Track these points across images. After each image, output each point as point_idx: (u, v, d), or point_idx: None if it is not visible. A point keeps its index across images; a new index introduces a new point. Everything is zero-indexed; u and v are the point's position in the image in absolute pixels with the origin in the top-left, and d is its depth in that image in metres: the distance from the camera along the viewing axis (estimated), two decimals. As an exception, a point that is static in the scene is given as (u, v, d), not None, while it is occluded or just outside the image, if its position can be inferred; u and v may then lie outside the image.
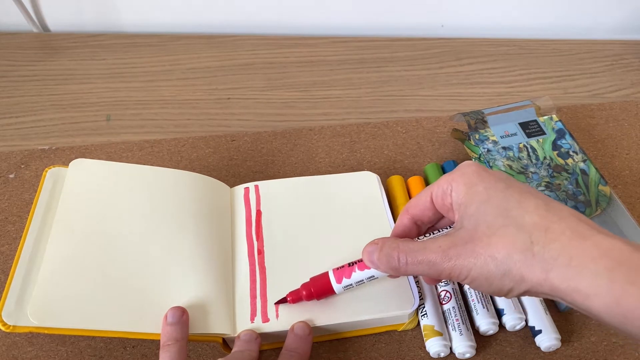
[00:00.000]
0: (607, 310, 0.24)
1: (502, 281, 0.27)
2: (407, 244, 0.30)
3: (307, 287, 0.36)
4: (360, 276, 0.35)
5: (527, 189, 0.29)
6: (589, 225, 0.26)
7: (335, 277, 0.36)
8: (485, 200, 0.28)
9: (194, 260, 0.38)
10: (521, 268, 0.26)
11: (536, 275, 0.26)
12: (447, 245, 0.28)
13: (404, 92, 0.59)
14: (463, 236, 0.28)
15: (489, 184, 0.29)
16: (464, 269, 0.28)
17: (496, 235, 0.27)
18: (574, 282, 0.25)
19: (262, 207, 0.43)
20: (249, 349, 0.35)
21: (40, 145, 0.52)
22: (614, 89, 0.60)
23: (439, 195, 0.31)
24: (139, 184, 0.41)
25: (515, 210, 0.27)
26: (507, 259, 0.26)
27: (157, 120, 0.55)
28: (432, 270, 0.29)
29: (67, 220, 0.37)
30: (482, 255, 0.27)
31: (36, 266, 0.35)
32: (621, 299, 0.23)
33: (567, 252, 0.25)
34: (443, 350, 0.37)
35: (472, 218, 0.28)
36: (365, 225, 0.42)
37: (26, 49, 0.63)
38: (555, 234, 0.26)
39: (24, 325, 0.32)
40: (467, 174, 0.30)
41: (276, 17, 0.68)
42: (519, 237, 0.26)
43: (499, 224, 0.27)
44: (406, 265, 0.30)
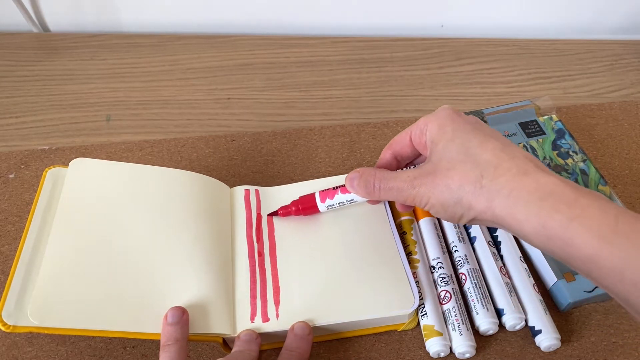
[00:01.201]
0: (535, 233, 0.28)
1: (455, 208, 0.31)
2: (382, 173, 0.35)
3: (296, 204, 0.41)
4: (341, 198, 0.39)
5: (491, 132, 0.32)
6: (535, 165, 0.30)
7: (320, 197, 0.40)
8: (451, 139, 0.32)
9: (194, 260, 0.38)
10: (470, 197, 0.30)
11: (481, 204, 0.30)
12: (414, 176, 0.33)
13: (404, 92, 0.59)
14: (428, 168, 0.32)
15: (457, 125, 0.33)
16: (425, 196, 0.32)
17: (454, 169, 0.31)
18: (511, 210, 0.29)
19: (263, 212, 0.43)
20: (249, 349, 0.35)
21: (40, 146, 0.52)
22: (614, 89, 0.60)
23: (417, 134, 0.35)
24: (139, 184, 0.41)
25: (474, 149, 0.31)
26: (459, 189, 0.30)
27: (157, 120, 0.55)
28: (400, 196, 0.34)
29: (67, 220, 0.37)
30: (440, 185, 0.31)
31: (36, 266, 0.35)
32: (546, 223, 0.28)
33: (509, 185, 0.29)
34: (443, 350, 0.37)
35: (438, 154, 0.32)
36: (366, 225, 0.42)
37: (26, 49, 0.63)
38: (503, 170, 0.30)
39: (24, 325, 0.32)
40: (441, 117, 0.34)
41: (276, 17, 0.68)
42: (473, 171, 0.30)
43: (458, 160, 0.31)
44: (379, 190, 0.35)
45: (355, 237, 0.41)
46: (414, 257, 0.41)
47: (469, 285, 0.40)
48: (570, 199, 0.28)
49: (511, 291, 0.39)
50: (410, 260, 0.41)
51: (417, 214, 0.45)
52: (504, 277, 0.40)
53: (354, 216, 0.43)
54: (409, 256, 0.41)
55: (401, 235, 0.43)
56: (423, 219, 0.44)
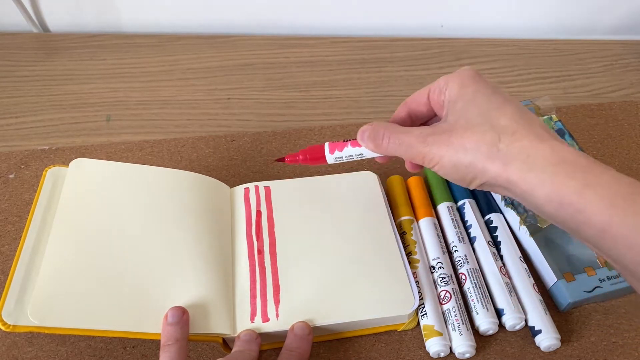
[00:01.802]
0: (547, 199, 0.28)
1: (467, 169, 0.30)
2: (394, 127, 0.34)
3: (304, 153, 0.39)
4: (350, 152, 0.38)
5: (510, 98, 0.32)
6: (551, 134, 0.30)
7: (329, 148, 0.39)
8: (471, 100, 0.32)
9: (194, 260, 0.38)
10: (485, 160, 0.30)
11: (496, 168, 0.29)
12: (427, 133, 0.32)
13: (404, 92, 0.59)
14: (443, 127, 0.32)
15: (478, 87, 0.32)
16: (436, 155, 0.31)
17: (471, 130, 0.30)
18: (525, 174, 0.29)
19: (262, 208, 0.43)
20: (249, 349, 0.35)
21: (40, 146, 0.52)
22: (614, 89, 0.60)
23: (436, 92, 0.34)
24: (139, 184, 0.41)
25: (493, 112, 0.31)
26: (474, 150, 0.30)
27: (157, 121, 0.55)
28: (409, 153, 0.33)
29: (67, 220, 0.37)
30: (454, 144, 0.30)
31: (36, 266, 0.35)
32: (559, 189, 0.28)
33: (525, 151, 0.29)
34: (443, 350, 0.37)
35: (456, 114, 0.32)
36: (366, 225, 0.42)
37: (26, 50, 0.63)
38: (521, 136, 0.29)
39: (24, 324, 0.32)
40: (462, 76, 0.33)
41: (276, 17, 0.68)
42: (490, 134, 0.30)
43: (476, 122, 0.30)
44: (388, 142, 0.34)
45: (356, 237, 0.41)
46: (414, 257, 0.41)
47: (468, 285, 0.40)
48: (584, 166, 0.28)
49: (511, 291, 0.39)
50: (410, 260, 0.41)
51: (417, 214, 0.45)
52: (504, 277, 0.40)
53: (354, 216, 0.43)
54: (409, 256, 0.41)
55: (401, 235, 0.43)
56: (423, 219, 0.44)
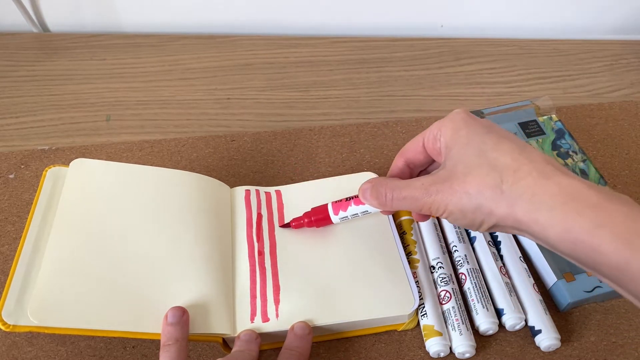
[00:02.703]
0: (559, 239, 0.27)
1: (475, 214, 0.30)
2: (394, 182, 0.34)
3: (309, 216, 0.40)
4: (355, 210, 0.38)
5: (506, 134, 0.31)
6: (555, 168, 0.29)
7: (333, 208, 0.39)
8: (466, 143, 0.31)
9: (194, 260, 0.38)
10: (490, 203, 0.29)
11: (502, 210, 0.29)
12: (429, 183, 0.32)
13: (404, 92, 0.59)
14: (443, 175, 0.31)
15: (472, 128, 0.32)
16: (442, 204, 0.31)
17: (471, 174, 0.30)
18: (534, 215, 0.28)
19: (263, 211, 0.43)
20: (248, 349, 0.35)
21: (40, 146, 0.52)
22: (614, 89, 0.60)
23: (430, 140, 0.34)
24: (139, 184, 0.41)
25: (491, 152, 0.30)
26: (478, 195, 0.29)
27: (157, 121, 0.55)
28: (415, 205, 0.32)
29: (67, 220, 0.37)
30: (458, 191, 0.30)
31: (36, 266, 0.35)
32: (571, 228, 0.27)
33: (530, 189, 0.28)
34: (443, 350, 0.37)
35: (454, 159, 0.31)
36: (366, 225, 0.42)
37: (26, 49, 0.63)
38: (523, 174, 0.29)
39: (24, 324, 0.32)
40: (455, 120, 0.33)
41: (276, 17, 0.68)
42: (491, 176, 0.29)
43: (475, 164, 0.30)
44: (392, 200, 0.34)
45: (355, 237, 0.41)
46: (414, 257, 0.41)
47: (468, 285, 0.40)
48: (595, 202, 0.27)
49: (511, 291, 0.39)
50: (410, 260, 0.41)
51: (417, 214, 0.45)
52: (504, 277, 0.40)
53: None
54: (409, 256, 0.41)
55: (401, 235, 0.43)
56: (423, 219, 0.44)
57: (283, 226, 0.42)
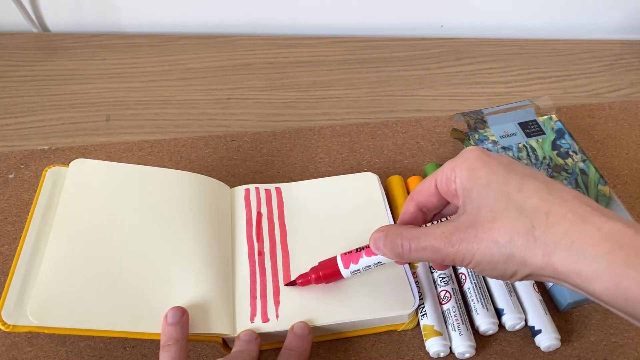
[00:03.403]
0: (607, 294, 0.24)
1: (506, 265, 0.27)
2: (411, 231, 0.31)
3: (316, 271, 0.37)
4: (367, 262, 0.35)
5: (529, 171, 0.29)
6: (591, 207, 0.26)
7: (343, 262, 0.36)
8: (486, 185, 0.28)
9: (194, 260, 0.38)
10: (523, 252, 0.26)
11: (538, 259, 0.26)
12: (450, 231, 0.28)
13: (404, 92, 0.59)
14: (465, 221, 0.28)
15: (490, 168, 0.29)
16: (468, 254, 0.28)
17: (498, 220, 0.27)
18: (576, 266, 0.25)
19: (263, 209, 0.43)
20: (248, 349, 0.35)
21: (39, 146, 0.52)
22: (614, 89, 0.60)
23: (443, 182, 0.31)
24: (139, 184, 0.41)
25: (516, 193, 0.27)
26: (509, 243, 0.26)
27: (157, 121, 0.55)
28: (436, 256, 0.29)
29: (67, 220, 0.37)
30: (485, 240, 0.27)
31: (36, 266, 0.35)
32: (621, 282, 0.24)
33: (568, 235, 0.25)
34: (443, 350, 0.37)
35: (474, 202, 0.28)
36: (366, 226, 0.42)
37: (26, 49, 0.63)
38: (557, 217, 0.26)
39: (23, 324, 0.32)
40: (469, 159, 0.30)
41: (276, 17, 0.68)
42: (521, 220, 0.26)
43: (500, 208, 0.27)
44: (409, 252, 0.30)
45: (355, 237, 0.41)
46: (414, 257, 0.41)
47: (468, 285, 0.40)
48: None
49: (511, 291, 0.39)
50: (410, 260, 0.41)
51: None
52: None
53: (354, 216, 0.43)
54: (409, 256, 0.41)
55: (401, 235, 0.43)
56: (423, 219, 0.44)
57: (289, 284, 0.38)
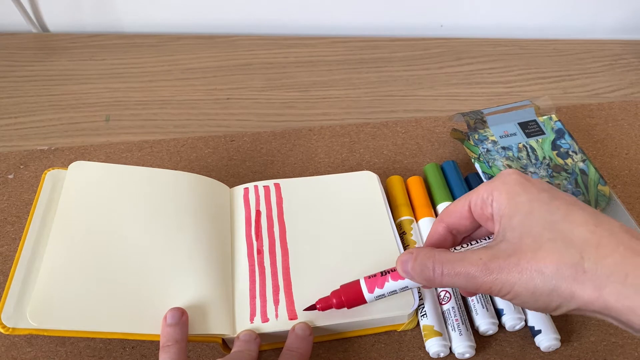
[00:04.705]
0: None
1: (550, 297, 0.26)
2: (444, 254, 0.29)
3: (338, 296, 0.35)
4: (393, 286, 0.33)
5: (573, 200, 0.28)
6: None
7: (367, 286, 0.34)
8: (529, 212, 0.27)
9: (193, 260, 0.38)
10: (571, 284, 0.25)
11: (588, 293, 0.24)
12: (489, 258, 0.27)
13: (403, 92, 0.59)
14: (506, 249, 0.27)
15: (532, 195, 0.28)
16: (507, 284, 0.26)
17: (543, 250, 0.26)
18: (631, 301, 0.23)
19: (262, 207, 0.43)
20: (248, 349, 0.35)
21: (39, 146, 0.52)
22: (613, 89, 0.60)
23: (478, 204, 0.30)
24: (138, 186, 0.41)
25: (562, 223, 0.26)
26: (555, 275, 0.25)
27: (157, 121, 0.55)
28: (470, 284, 0.28)
29: (67, 222, 0.37)
30: (528, 269, 0.26)
31: (35, 269, 0.35)
32: None
33: (621, 269, 0.24)
34: (443, 350, 0.37)
35: (516, 230, 0.27)
36: (366, 225, 0.42)
37: (25, 50, 0.63)
38: (608, 249, 0.25)
39: (23, 327, 0.32)
40: (509, 183, 0.29)
41: (276, 17, 0.68)
42: (568, 251, 0.25)
43: (545, 238, 0.26)
44: (442, 277, 0.29)
45: (355, 237, 0.41)
46: (414, 257, 0.41)
47: (468, 285, 0.40)
48: None
49: (511, 291, 0.39)
50: (410, 261, 0.41)
51: (416, 214, 0.45)
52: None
53: (354, 216, 0.43)
54: (409, 256, 0.41)
55: (401, 236, 0.43)
56: (423, 218, 0.44)
57: (308, 309, 0.36)
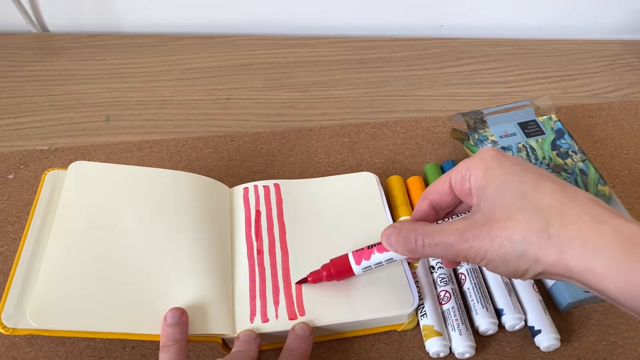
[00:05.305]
0: (620, 292, 0.25)
1: (518, 262, 0.27)
2: (424, 227, 0.31)
3: (327, 268, 0.37)
4: (379, 258, 0.35)
5: (543, 172, 0.29)
6: (606, 209, 0.27)
7: (354, 259, 0.36)
8: (502, 184, 0.29)
9: (193, 260, 0.38)
10: (537, 249, 0.26)
11: (551, 257, 0.26)
12: (464, 228, 0.29)
13: (403, 92, 0.59)
14: (480, 219, 0.29)
15: (506, 168, 0.29)
16: (481, 251, 0.28)
17: (513, 218, 0.27)
18: (589, 264, 0.25)
19: (262, 207, 0.43)
20: (248, 349, 0.35)
21: (39, 146, 0.52)
22: (613, 89, 0.60)
23: (458, 180, 0.32)
24: (138, 186, 0.41)
25: (531, 193, 0.28)
26: (523, 241, 0.27)
27: (157, 121, 0.55)
28: (449, 252, 0.30)
29: (66, 223, 0.37)
30: (499, 237, 0.27)
31: (35, 269, 0.35)
32: (634, 279, 0.24)
33: (583, 234, 0.26)
34: (442, 350, 0.37)
35: (489, 201, 0.29)
36: (365, 226, 0.42)
37: (25, 50, 0.63)
38: (572, 217, 0.26)
39: (23, 327, 0.32)
40: (485, 159, 0.30)
41: (276, 17, 0.68)
42: (536, 219, 0.27)
43: (515, 207, 0.28)
44: (423, 247, 0.31)
45: (355, 237, 0.41)
46: (414, 257, 0.41)
47: (468, 285, 0.40)
48: None
49: (511, 291, 0.39)
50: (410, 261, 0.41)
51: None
52: (504, 277, 0.40)
53: (353, 216, 0.43)
54: (409, 256, 0.41)
55: (401, 236, 0.43)
56: (422, 219, 0.44)
57: (300, 282, 0.38)
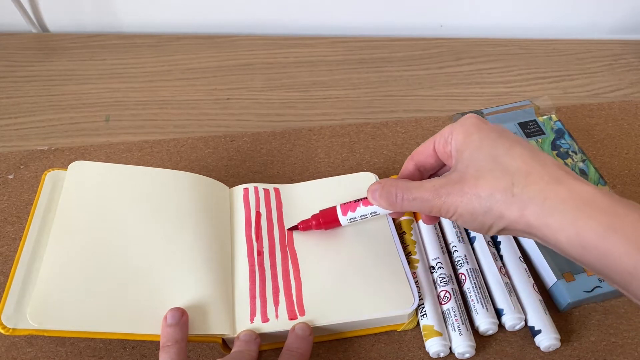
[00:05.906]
0: (569, 242, 0.28)
1: (485, 217, 0.30)
2: (405, 183, 0.34)
3: (317, 218, 0.40)
4: (363, 211, 0.38)
5: (518, 139, 0.32)
6: (567, 173, 0.29)
7: (341, 210, 0.39)
8: (477, 148, 0.31)
9: (193, 261, 0.38)
10: (501, 206, 0.29)
11: (513, 213, 0.29)
12: (440, 185, 0.32)
13: (403, 92, 0.59)
14: (454, 177, 0.31)
15: (483, 133, 0.32)
16: (452, 206, 0.31)
17: (483, 178, 0.30)
18: (545, 219, 0.28)
19: (262, 209, 0.43)
20: (248, 349, 0.35)
21: (39, 146, 0.52)
22: (613, 89, 0.60)
23: (441, 143, 0.34)
24: (138, 186, 0.41)
25: (502, 157, 0.30)
26: (489, 198, 0.29)
27: (157, 121, 0.55)
28: (425, 206, 0.33)
29: (67, 223, 0.37)
30: (469, 194, 0.30)
31: (35, 270, 0.35)
32: (582, 233, 0.27)
33: (542, 193, 0.28)
34: (443, 350, 0.37)
35: (465, 162, 0.32)
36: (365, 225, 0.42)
37: (25, 50, 0.63)
38: (535, 178, 0.29)
39: (23, 327, 0.32)
40: (466, 125, 0.33)
41: (276, 17, 0.68)
42: (503, 179, 0.29)
43: (487, 168, 0.30)
44: (402, 201, 0.34)
45: (355, 237, 0.41)
46: (414, 257, 0.41)
47: (468, 285, 0.40)
48: (606, 207, 0.27)
49: (511, 291, 0.39)
50: (410, 261, 0.41)
51: (416, 214, 0.45)
52: (504, 277, 0.40)
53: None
54: (409, 256, 0.41)
55: (401, 236, 0.43)
56: (422, 219, 0.44)
57: (291, 229, 0.41)
